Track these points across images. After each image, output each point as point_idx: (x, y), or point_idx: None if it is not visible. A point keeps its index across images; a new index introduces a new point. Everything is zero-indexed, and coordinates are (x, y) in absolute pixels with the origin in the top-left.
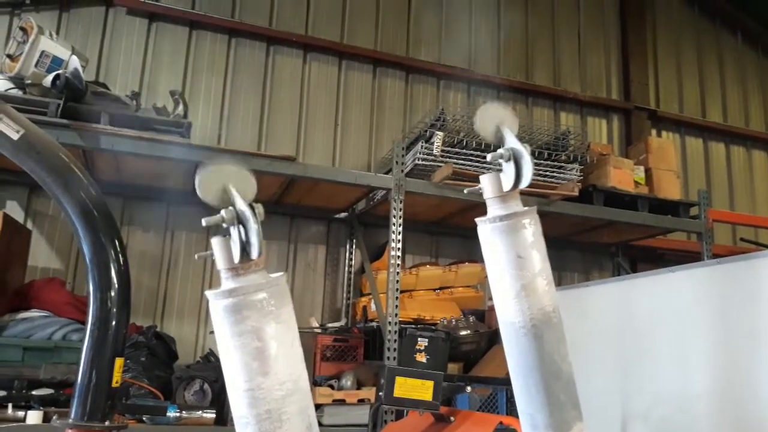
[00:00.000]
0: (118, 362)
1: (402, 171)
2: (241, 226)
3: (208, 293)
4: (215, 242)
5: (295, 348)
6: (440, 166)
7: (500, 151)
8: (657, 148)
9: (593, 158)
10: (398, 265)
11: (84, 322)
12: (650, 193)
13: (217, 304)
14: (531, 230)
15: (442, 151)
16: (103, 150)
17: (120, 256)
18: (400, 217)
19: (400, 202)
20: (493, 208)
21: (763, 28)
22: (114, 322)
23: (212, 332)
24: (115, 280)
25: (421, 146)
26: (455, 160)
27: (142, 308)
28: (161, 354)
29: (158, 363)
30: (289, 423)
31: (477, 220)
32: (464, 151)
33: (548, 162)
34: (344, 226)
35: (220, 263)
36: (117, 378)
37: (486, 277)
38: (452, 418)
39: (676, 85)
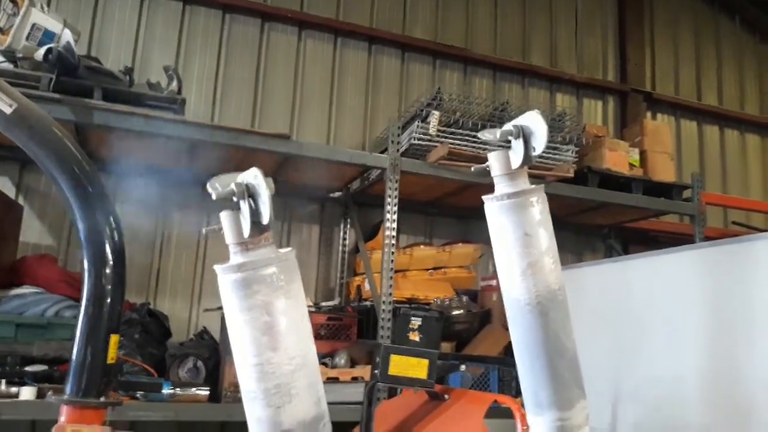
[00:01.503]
0: (114, 339)
1: (398, 150)
2: (251, 200)
3: (216, 267)
4: (224, 216)
5: (304, 323)
6: (436, 146)
7: (509, 127)
8: (652, 130)
9: (589, 140)
10: (393, 245)
11: (77, 299)
12: (644, 176)
13: (226, 278)
14: (539, 208)
15: (438, 130)
16: (96, 125)
17: (115, 232)
18: (395, 197)
19: (396, 181)
20: (501, 186)
21: (762, 12)
22: (109, 299)
23: (206, 310)
24: (110, 256)
25: (417, 126)
26: (451, 140)
27: (135, 285)
28: (154, 331)
29: (151, 340)
30: (298, 398)
31: (484, 197)
32: (460, 131)
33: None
34: (338, 206)
35: (229, 237)
36: (112, 354)
37: (479, 257)
38: (446, 396)
39: (672, 68)
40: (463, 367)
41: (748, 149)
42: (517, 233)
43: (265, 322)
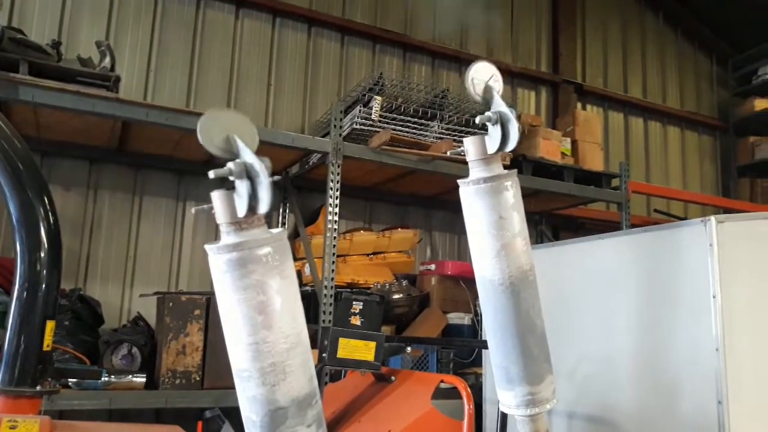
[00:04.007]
0: (50, 325)
1: (340, 135)
2: (248, 180)
3: (207, 247)
4: (216, 196)
5: (297, 302)
6: (378, 131)
7: (488, 114)
8: (583, 120)
9: (524, 129)
10: (335, 229)
11: (2, 284)
12: (576, 164)
13: (219, 258)
14: (512, 192)
15: (380, 116)
16: (22, 102)
17: (50, 214)
18: (337, 182)
19: (338, 166)
20: (477, 170)
21: (683, 8)
22: (44, 284)
23: (142, 295)
24: (44, 240)
25: (359, 110)
26: (393, 126)
27: (64, 270)
28: (86, 318)
29: (83, 327)
30: (293, 375)
31: (459, 181)
32: (402, 116)
33: (483, 131)
34: (277, 190)
35: (222, 217)
36: (48, 341)
37: (418, 242)
38: (393, 378)
39: (602, 61)
40: (408, 349)
41: (669, 140)
42: (492, 216)
43: (260, 302)
